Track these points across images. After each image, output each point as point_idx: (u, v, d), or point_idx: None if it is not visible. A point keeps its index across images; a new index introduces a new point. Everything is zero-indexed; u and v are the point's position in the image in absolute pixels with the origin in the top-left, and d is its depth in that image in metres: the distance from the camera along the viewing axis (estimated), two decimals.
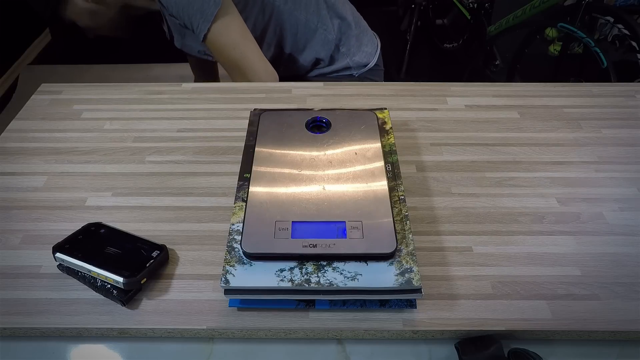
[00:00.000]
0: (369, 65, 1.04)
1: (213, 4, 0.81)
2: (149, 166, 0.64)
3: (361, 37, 1.03)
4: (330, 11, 0.96)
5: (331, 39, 0.97)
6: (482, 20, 2.04)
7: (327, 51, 0.99)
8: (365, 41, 1.03)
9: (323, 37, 0.97)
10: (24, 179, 0.62)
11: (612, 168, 0.63)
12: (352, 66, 1.03)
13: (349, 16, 0.99)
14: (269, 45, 0.97)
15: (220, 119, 0.72)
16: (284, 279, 0.44)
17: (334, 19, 0.97)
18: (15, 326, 0.46)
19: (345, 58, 1.01)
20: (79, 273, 0.49)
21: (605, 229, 0.54)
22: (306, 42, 0.97)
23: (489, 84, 0.79)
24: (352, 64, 1.02)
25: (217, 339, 0.47)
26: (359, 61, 1.03)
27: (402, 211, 0.50)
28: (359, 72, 1.04)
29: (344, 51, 1.01)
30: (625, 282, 0.49)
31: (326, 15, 0.95)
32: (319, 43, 0.97)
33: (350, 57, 1.02)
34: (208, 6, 0.81)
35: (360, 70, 1.04)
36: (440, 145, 0.66)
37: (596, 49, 1.50)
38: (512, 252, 0.52)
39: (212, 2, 0.81)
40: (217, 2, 0.81)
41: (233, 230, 0.48)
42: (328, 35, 0.97)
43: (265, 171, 0.54)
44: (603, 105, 0.74)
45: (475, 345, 0.44)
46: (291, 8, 0.92)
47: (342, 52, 1.01)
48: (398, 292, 0.44)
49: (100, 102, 0.76)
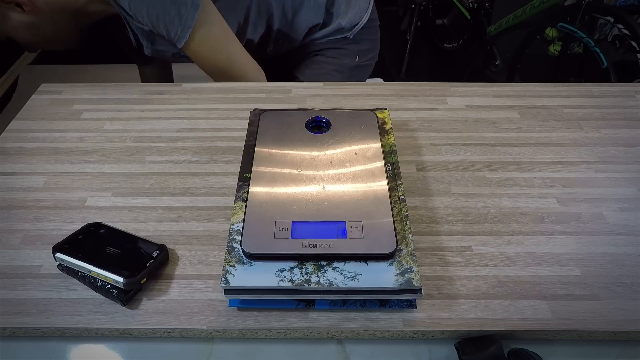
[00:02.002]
0: (361, 22, 0.96)
1: (192, 7, 0.72)
2: (149, 166, 0.64)
3: None
4: None
5: (321, 2, 0.89)
6: (482, 20, 2.04)
7: (318, 17, 0.91)
8: None
9: (312, 3, 0.88)
10: (24, 179, 0.62)
11: (612, 168, 0.63)
12: (345, 27, 0.94)
13: None
14: (254, 25, 0.88)
15: (220, 119, 0.72)
16: (284, 279, 0.44)
17: None
18: (15, 326, 0.46)
19: (335, 19, 0.93)
20: (79, 273, 0.49)
21: (605, 229, 0.54)
22: (294, 12, 0.88)
23: (489, 84, 0.79)
24: (344, 23, 0.94)
25: (217, 339, 0.47)
26: (352, 19, 0.94)
27: (402, 211, 0.50)
28: (352, 33, 0.96)
29: (334, 11, 0.92)
30: (625, 282, 0.49)
31: None
32: (309, 10, 0.89)
33: (341, 16, 0.93)
34: (186, 10, 0.72)
35: (354, 30, 0.96)
36: (440, 145, 0.66)
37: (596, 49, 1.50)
38: (512, 252, 0.52)
39: (189, 5, 0.72)
40: (196, 4, 0.73)
41: (233, 230, 0.48)
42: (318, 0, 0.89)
43: (265, 171, 0.54)
44: (603, 105, 0.74)
45: (475, 345, 0.44)
46: None
47: (333, 13, 0.92)
48: (398, 292, 0.44)
49: (100, 102, 0.76)
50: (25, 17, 0.77)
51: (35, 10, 0.76)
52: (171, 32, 0.75)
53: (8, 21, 0.77)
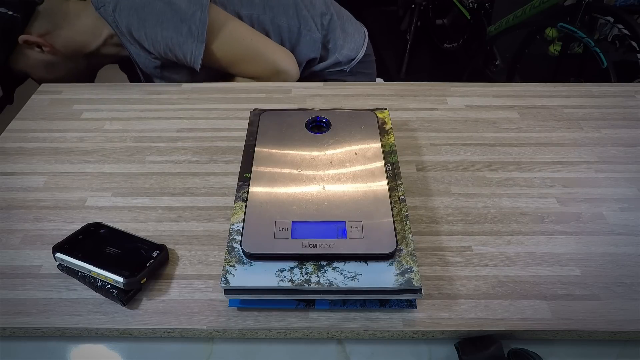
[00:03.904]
0: (358, 57, 1.01)
1: (200, 24, 0.77)
2: (149, 166, 0.64)
3: (346, 27, 0.99)
4: (311, 10, 0.93)
5: (317, 38, 0.94)
6: (482, 20, 2.04)
7: (315, 51, 0.96)
8: (350, 30, 0.99)
9: (308, 39, 0.93)
10: (24, 179, 0.62)
11: (612, 168, 0.63)
12: (342, 61, 0.99)
13: (330, 8, 0.96)
14: None
15: (220, 119, 0.72)
16: (284, 279, 0.44)
17: (316, 17, 0.94)
18: (15, 326, 0.46)
19: (332, 54, 0.98)
20: (79, 273, 0.49)
21: (605, 229, 0.54)
22: (292, 47, 0.93)
23: (489, 84, 0.79)
24: (341, 58, 0.99)
25: (217, 339, 0.47)
26: (348, 54, 0.99)
27: (402, 211, 0.50)
28: (350, 67, 1.01)
29: (331, 47, 0.97)
30: (625, 282, 0.49)
31: (307, 16, 0.92)
32: (306, 45, 0.94)
33: (337, 51, 0.98)
34: (196, 27, 0.77)
35: (351, 64, 1.01)
36: (440, 145, 0.66)
37: (596, 49, 1.50)
38: (512, 252, 0.52)
39: (198, 21, 0.77)
40: (204, 21, 0.77)
41: (233, 230, 0.48)
42: (313, 35, 0.93)
43: (265, 171, 0.54)
44: (603, 105, 0.74)
45: (475, 345, 0.44)
46: (271, 16, 0.89)
47: (330, 49, 0.97)
48: (398, 292, 0.44)
49: (100, 102, 0.76)
50: (43, 57, 0.84)
51: (53, 51, 0.83)
52: (186, 51, 0.79)
53: (27, 59, 0.85)
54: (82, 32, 0.84)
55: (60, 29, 0.83)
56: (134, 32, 0.78)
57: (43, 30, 0.82)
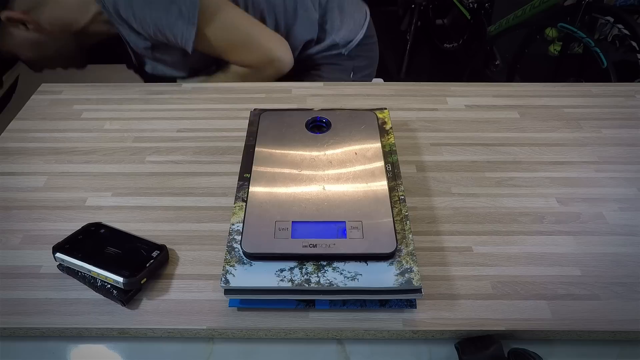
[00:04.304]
0: (356, 39, 0.96)
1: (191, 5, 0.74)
2: (149, 166, 0.64)
3: (344, 5, 0.94)
4: None
5: (314, 18, 0.90)
6: (482, 20, 2.04)
7: (312, 32, 0.91)
8: (349, 10, 0.95)
9: (305, 19, 0.89)
10: (24, 179, 0.62)
11: (612, 168, 0.63)
12: (339, 43, 0.95)
13: None
14: None
15: (220, 119, 0.72)
16: (284, 279, 0.44)
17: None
18: (15, 326, 0.46)
19: (329, 35, 0.93)
20: (79, 273, 0.49)
21: (605, 229, 0.54)
22: (288, 27, 0.89)
23: (489, 84, 0.79)
24: (339, 40, 0.94)
25: (217, 339, 0.47)
26: (346, 35, 0.94)
27: (402, 211, 0.50)
28: (347, 49, 0.96)
29: (328, 28, 0.93)
30: (625, 282, 0.49)
31: None
32: (302, 25, 0.90)
33: (335, 33, 0.93)
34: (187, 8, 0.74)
35: (349, 46, 0.96)
36: (440, 145, 0.66)
37: (596, 49, 1.50)
38: (512, 252, 0.52)
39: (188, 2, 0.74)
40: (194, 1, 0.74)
41: (233, 230, 0.48)
42: (310, 15, 0.89)
43: (265, 171, 0.54)
44: (603, 105, 0.74)
45: (475, 345, 0.44)
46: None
47: (327, 29, 0.93)
48: (398, 292, 0.44)
49: (100, 102, 0.76)
50: (29, 35, 0.81)
51: (39, 29, 0.80)
52: (177, 33, 0.76)
53: (13, 39, 0.81)
54: (68, 8, 0.80)
55: (44, 5, 0.79)
56: (121, 11, 0.75)
57: (26, 7, 0.78)
